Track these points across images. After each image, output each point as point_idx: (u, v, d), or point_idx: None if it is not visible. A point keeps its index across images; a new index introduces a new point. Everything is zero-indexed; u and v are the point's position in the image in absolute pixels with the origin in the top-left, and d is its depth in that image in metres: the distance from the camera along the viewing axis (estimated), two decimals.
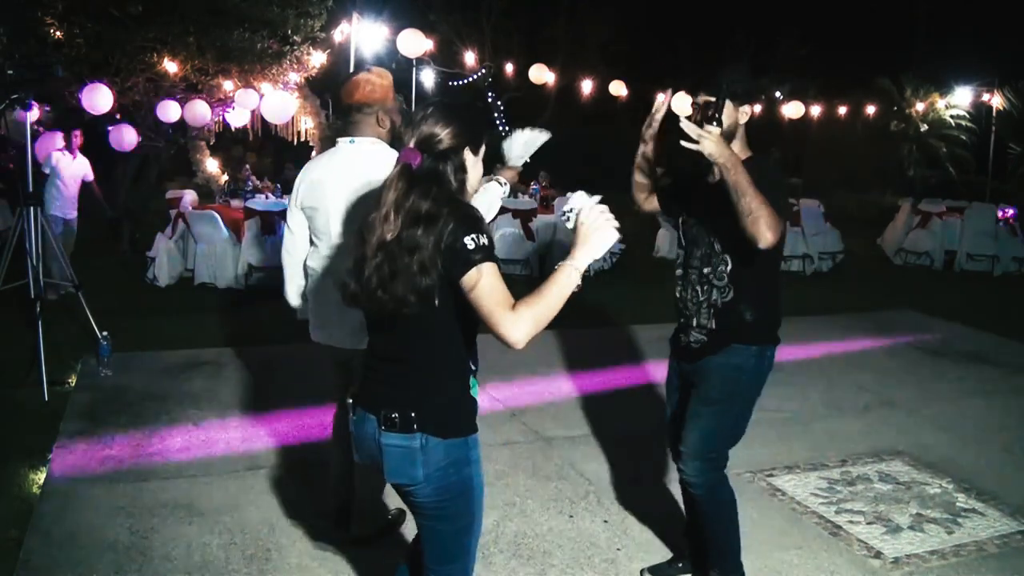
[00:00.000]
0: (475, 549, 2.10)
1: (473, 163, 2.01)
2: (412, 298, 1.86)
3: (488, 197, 2.94)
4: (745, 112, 2.74)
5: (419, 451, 1.93)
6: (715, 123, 2.47)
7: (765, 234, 2.38)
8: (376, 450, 1.99)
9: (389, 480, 2.01)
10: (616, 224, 1.96)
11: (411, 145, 1.93)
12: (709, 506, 2.84)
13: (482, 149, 2.04)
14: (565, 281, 1.89)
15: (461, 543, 2.04)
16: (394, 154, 2.86)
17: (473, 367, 2.04)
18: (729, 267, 2.70)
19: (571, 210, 1.98)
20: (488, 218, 2.76)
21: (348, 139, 3.01)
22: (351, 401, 2.07)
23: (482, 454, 2.09)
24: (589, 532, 3.46)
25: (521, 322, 1.82)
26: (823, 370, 5.89)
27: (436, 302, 1.88)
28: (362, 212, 2.14)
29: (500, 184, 2.99)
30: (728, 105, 2.60)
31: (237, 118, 10.07)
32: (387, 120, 3.00)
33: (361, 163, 2.91)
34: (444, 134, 1.93)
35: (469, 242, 1.83)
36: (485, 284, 1.83)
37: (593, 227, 1.94)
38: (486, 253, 1.85)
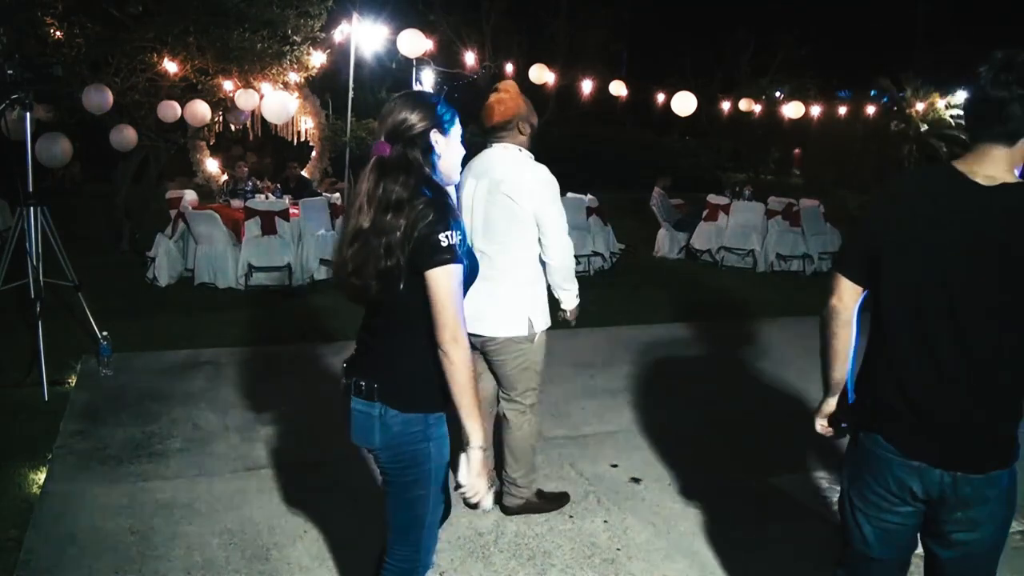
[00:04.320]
0: (432, 527, 2.19)
1: (445, 143, 2.08)
2: (373, 282, 1.99)
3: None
4: None
5: (377, 419, 2.07)
6: None
7: None
8: (348, 412, 2.14)
9: (353, 440, 2.15)
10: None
11: (382, 137, 2.05)
12: None
13: (454, 129, 2.11)
14: (473, 411, 1.98)
15: (414, 514, 2.13)
16: (524, 158, 3.33)
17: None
18: None
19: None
20: None
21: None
22: (344, 366, 2.20)
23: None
24: (589, 532, 3.46)
25: (463, 347, 1.95)
26: None
27: (401, 286, 1.97)
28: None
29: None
30: None
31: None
32: (526, 126, 3.37)
33: (503, 168, 3.34)
34: (411, 119, 2.03)
35: (443, 239, 1.93)
36: (448, 286, 1.94)
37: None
38: (457, 252, 1.95)
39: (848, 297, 2.00)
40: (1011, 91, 1.79)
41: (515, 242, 3.28)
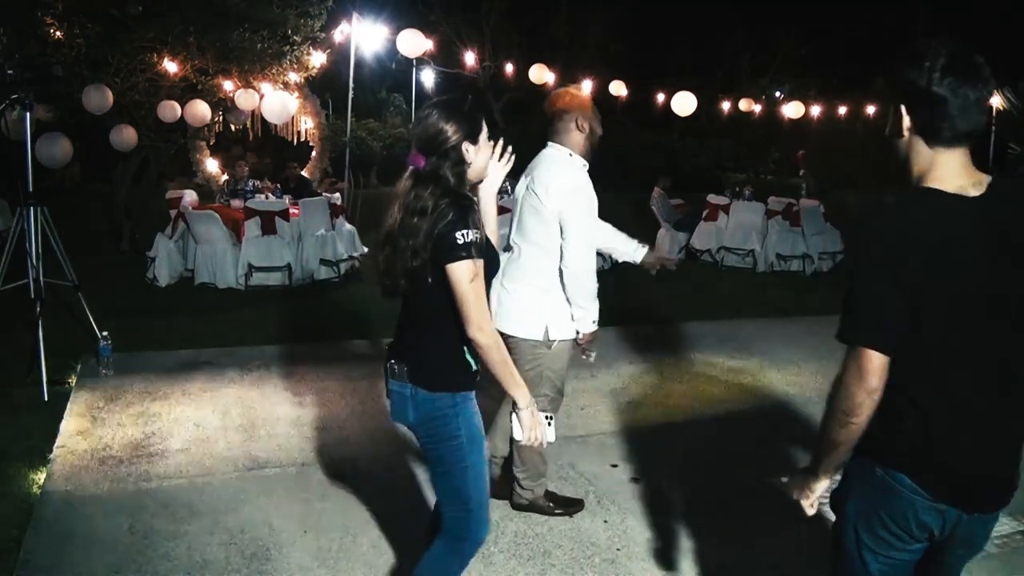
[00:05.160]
0: (477, 496, 2.33)
1: (475, 151, 2.27)
2: (402, 280, 2.20)
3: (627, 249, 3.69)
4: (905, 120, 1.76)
5: (409, 398, 2.28)
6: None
7: None
8: (387, 393, 2.36)
9: (392, 419, 2.38)
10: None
11: (415, 148, 2.23)
12: None
13: (482, 134, 2.29)
14: (512, 382, 2.24)
15: (454, 486, 2.33)
16: (568, 161, 3.32)
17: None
18: None
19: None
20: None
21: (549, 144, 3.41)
22: (386, 348, 2.40)
23: None
24: (589, 532, 3.46)
25: (489, 334, 2.17)
26: (823, 370, 5.89)
27: (429, 280, 2.17)
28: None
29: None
30: (889, 108, 1.82)
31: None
32: (586, 125, 3.32)
33: (542, 166, 3.34)
34: (446, 132, 2.20)
35: (459, 236, 2.11)
36: (466, 281, 2.12)
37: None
38: (472, 250, 2.12)
39: (884, 372, 1.68)
40: (956, 93, 1.66)
41: (539, 244, 3.28)
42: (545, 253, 3.28)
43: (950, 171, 1.71)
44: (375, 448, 4.22)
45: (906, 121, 1.73)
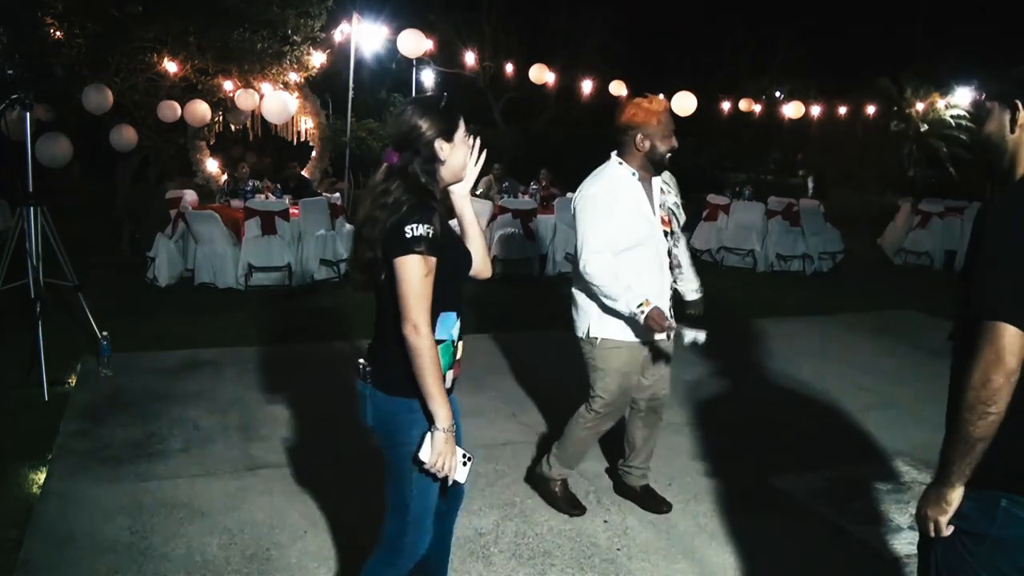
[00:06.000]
0: (418, 508, 2.25)
1: (450, 148, 2.21)
2: (357, 272, 2.20)
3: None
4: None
5: (369, 399, 2.25)
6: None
7: None
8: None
9: (358, 418, 2.31)
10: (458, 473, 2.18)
11: (391, 145, 2.21)
12: None
13: (458, 132, 2.22)
14: (435, 396, 2.10)
15: (398, 494, 2.25)
16: (611, 169, 3.32)
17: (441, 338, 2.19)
18: None
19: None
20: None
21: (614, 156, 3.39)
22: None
23: (483, 453, 2.13)
24: (589, 532, 3.46)
25: (423, 336, 2.06)
26: (823, 370, 5.89)
27: (383, 276, 2.12)
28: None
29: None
30: (994, 107, 1.82)
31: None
32: (647, 143, 3.26)
33: (590, 178, 3.36)
34: (419, 129, 2.16)
35: (408, 230, 2.05)
36: (407, 276, 2.05)
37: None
38: (421, 244, 2.05)
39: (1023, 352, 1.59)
40: None
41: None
42: None
43: None
44: (374, 448, 4.21)
45: (1021, 118, 1.74)
